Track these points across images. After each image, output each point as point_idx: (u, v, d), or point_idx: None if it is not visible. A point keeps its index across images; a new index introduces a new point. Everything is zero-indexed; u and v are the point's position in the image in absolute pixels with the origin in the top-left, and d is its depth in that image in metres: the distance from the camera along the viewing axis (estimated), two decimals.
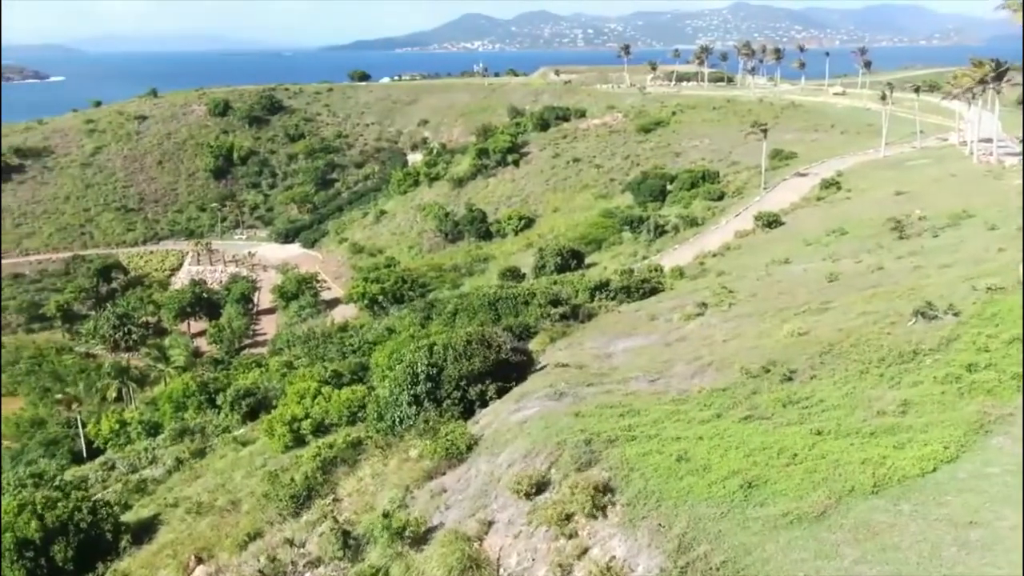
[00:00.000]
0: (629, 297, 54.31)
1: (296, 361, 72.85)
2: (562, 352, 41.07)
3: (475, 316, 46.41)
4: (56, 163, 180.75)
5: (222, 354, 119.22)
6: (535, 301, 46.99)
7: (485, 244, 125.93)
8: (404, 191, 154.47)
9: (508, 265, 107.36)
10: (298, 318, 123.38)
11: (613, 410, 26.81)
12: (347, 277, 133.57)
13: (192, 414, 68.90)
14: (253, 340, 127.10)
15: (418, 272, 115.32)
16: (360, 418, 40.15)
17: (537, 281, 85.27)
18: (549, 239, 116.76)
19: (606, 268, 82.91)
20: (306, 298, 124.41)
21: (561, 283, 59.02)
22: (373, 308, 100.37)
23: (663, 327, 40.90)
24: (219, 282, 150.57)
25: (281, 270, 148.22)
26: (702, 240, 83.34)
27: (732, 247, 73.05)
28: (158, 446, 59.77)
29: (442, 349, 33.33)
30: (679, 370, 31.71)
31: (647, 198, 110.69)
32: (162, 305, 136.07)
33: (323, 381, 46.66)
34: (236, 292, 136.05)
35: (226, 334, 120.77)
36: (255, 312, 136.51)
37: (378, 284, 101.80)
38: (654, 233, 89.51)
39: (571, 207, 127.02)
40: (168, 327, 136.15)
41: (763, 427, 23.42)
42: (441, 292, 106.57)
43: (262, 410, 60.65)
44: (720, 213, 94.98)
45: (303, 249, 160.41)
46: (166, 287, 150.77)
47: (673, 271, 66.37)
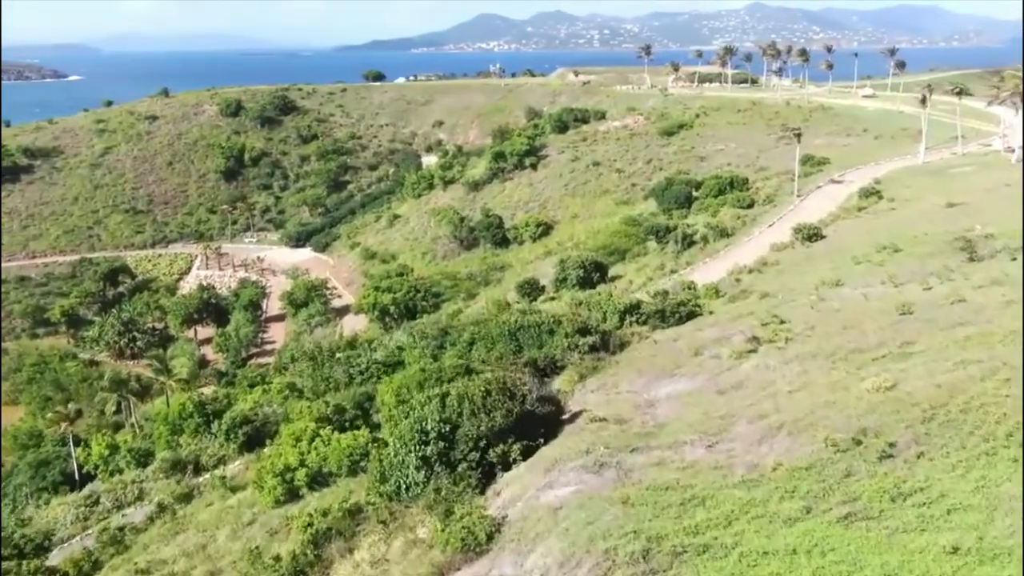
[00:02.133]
0: (664, 322, 48.77)
1: (300, 381, 67.74)
2: (594, 395, 35.68)
3: (494, 346, 41.11)
4: (65, 163, 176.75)
5: (228, 363, 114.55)
6: (561, 330, 41.58)
7: (501, 251, 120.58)
8: (418, 194, 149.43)
9: (526, 276, 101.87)
10: (307, 326, 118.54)
11: (670, 495, 21.38)
12: (358, 284, 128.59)
13: (188, 438, 63.95)
14: (261, 348, 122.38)
15: (431, 281, 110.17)
16: (362, 468, 34.88)
17: (558, 295, 79.90)
18: (568, 247, 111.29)
19: (632, 282, 77.44)
20: (315, 306, 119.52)
21: (587, 304, 53.54)
22: (384, 320, 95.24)
23: (711, 366, 35.38)
24: (228, 287, 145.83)
25: (291, 275, 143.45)
26: (734, 253, 77.63)
27: (770, 263, 67.36)
28: (147, 479, 54.80)
29: (456, 401, 27.96)
30: (742, 431, 26.24)
31: (672, 205, 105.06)
32: (169, 311, 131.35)
33: (323, 419, 41.39)
34: (244, 298, 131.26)
35: (232, 343, 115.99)
36: (264, 319, 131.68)
37: (390, 294, 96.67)
38: (682, 244, 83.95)
39: (591, 213, 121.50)
40: (174, 333, 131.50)
41: (874, 536, 17.99)
42: (455, 303, 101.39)
43: (260, 439, 55.84)
44: (751, 223, 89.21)
45: (314, 253, 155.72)
46: (174, 292, 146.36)
47: (708, 290, 60.75)
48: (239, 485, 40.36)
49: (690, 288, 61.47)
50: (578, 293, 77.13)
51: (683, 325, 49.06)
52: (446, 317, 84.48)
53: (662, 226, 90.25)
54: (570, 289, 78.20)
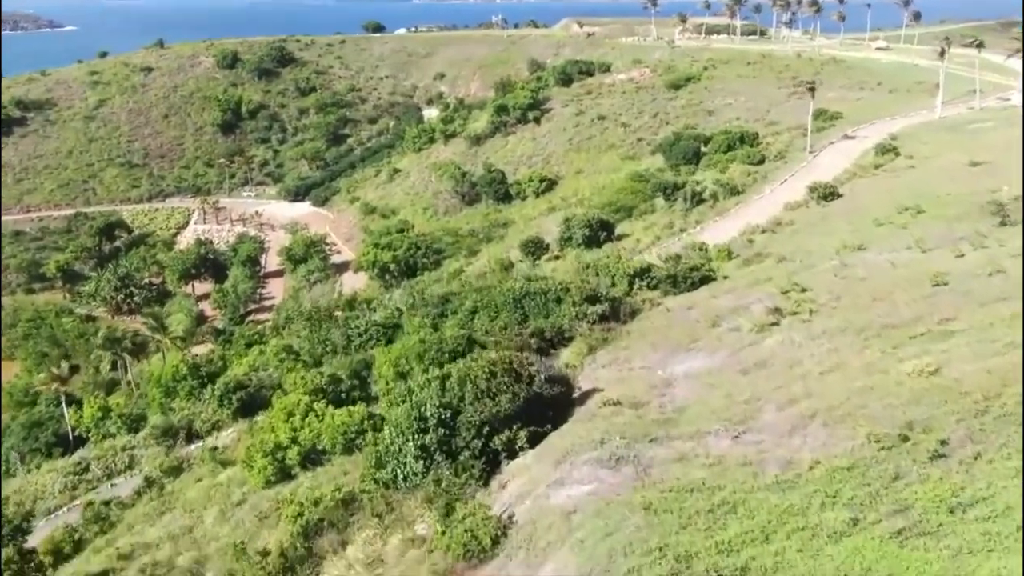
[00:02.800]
0: (676, 288, 46.35)
1: (297, 343, 65.51)
2: (606, 370, 33.32)
3: (498, 316, 38.70)
4: (59, 116, 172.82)
5: (225, 321, 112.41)
6: (568, 298, 39.11)
7: (504, 207, 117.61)
8: (419, 148, 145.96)
9: (529, 233, 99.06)
10: (306, 283, 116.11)
11: (697, 499, 19.07)
12: (358, 239, 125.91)
13: (182, 401, 62.11)
14: (260, 304, 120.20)
15: (432, 237, 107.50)
16: (357, 447, 32.69)
17: (563, 254, 77.28)
18: (573, 203, 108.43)
19: (639, 242, 74.71)
20: (314, 262, 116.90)
21: (595, 268, 51.01)
22: (384, 277, 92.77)
23: (730, 340, 32.97)
24: (226, 242, 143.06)
25: (290, 230, 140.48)
26: (746, 212, 74.76)
27: (784, 223, 64.59)
28: (138, 445, 52.89)
29: (458, 384, 25.61)
30: (770, 420, 23.88)
31: (679, 161, 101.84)
32: (166, 266, 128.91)
33: (317, 390, 39.12)
34: (243, 253, 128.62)
35: (230, 299, 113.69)
36: (262, 275, 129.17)
37: (389, 251, 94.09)
38: (691, 202, 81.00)
39: (596, 169, 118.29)
40: (172, 289, 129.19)
41: (934, 558, 15.73)
42: (456, 261, 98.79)
43: (255, 405, 53.82)
44: (763, 180, 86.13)
45: (313, 208, 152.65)
46: (171, 246, 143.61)
47: (720, 252, 58.16)
48: (230, 460, 38.24)
49: (701, 250, 58.91)
50: (584, 253, 74.56)
51: (696, 291, 46.64)
52: (447, 276, 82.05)
53: (670, 183, 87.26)
54: (575, 248, 75.50)
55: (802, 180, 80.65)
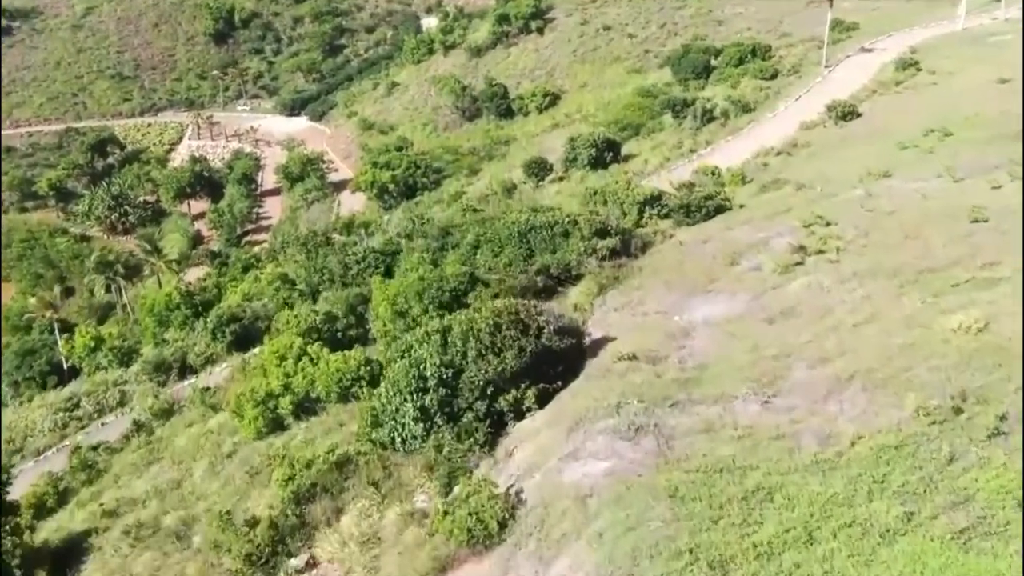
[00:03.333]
0: (689, 218, 43.81)
1: (293, 271, 63.31)
2: (618, 314, 31.13)
3: (501, 251, 36.29)
4: (45, 25, 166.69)
5: (222, 242, 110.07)
6: (576, 232, 36.66)
7: (505, 123, 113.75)
8: (418, 60, 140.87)
9: (532, 153, 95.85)
10: (303, 202, 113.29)
11: (727, 484, 17.09)
12: (356, 157, 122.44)
13: (176, 331, 60.39)
14: (257, 224, 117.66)
15: (432, 155, 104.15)
16: (353, 395, 30.79)
17: (568, 175, 74.41)
18: (577, 119, 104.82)
19: (647, 162, 71.69)
20: (312, 181, 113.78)
21: (603, 194, 48.31)
22: (383, 197, 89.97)
23: (751, 281, 30.67)
24: (221, 159, 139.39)
25: (286, 147, 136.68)
26: (759, 131, 71.48)
27: (800, 144, 61.49)
28: (130, 380, 51.29)
29: (460, 339, 23.43)
30: (802, 379, 21.76)
31: (688, 75, 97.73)
32: (160, 184, 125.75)
33: (312, 330, 37.05)
34: (238, 171, 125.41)
35: (226, 219, 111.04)
36: (259, 193, 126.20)
37: (388, 171, 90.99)
38: (701, 120, 77.58)
39: (601, 82, 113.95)
40: (167, 208, 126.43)
41: (1005, 567, 13.82)
42: (457, 180, 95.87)
43: (250, 338, 52.03)
44: (776, 96, 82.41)
45: (310, 123, 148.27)
46: (165, 163, 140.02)
47: (733, 176, 55.36)
48: (221, 404, 36.39)
49: (713, 174, 56.06)
50: (589, 174, 71.81)
51: (711, 221, 44.17)
52: (447, 198, 79.34)
53: (679, 99, 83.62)
54: (581, 169, 72.63)
55: (818, 96, 77.01)
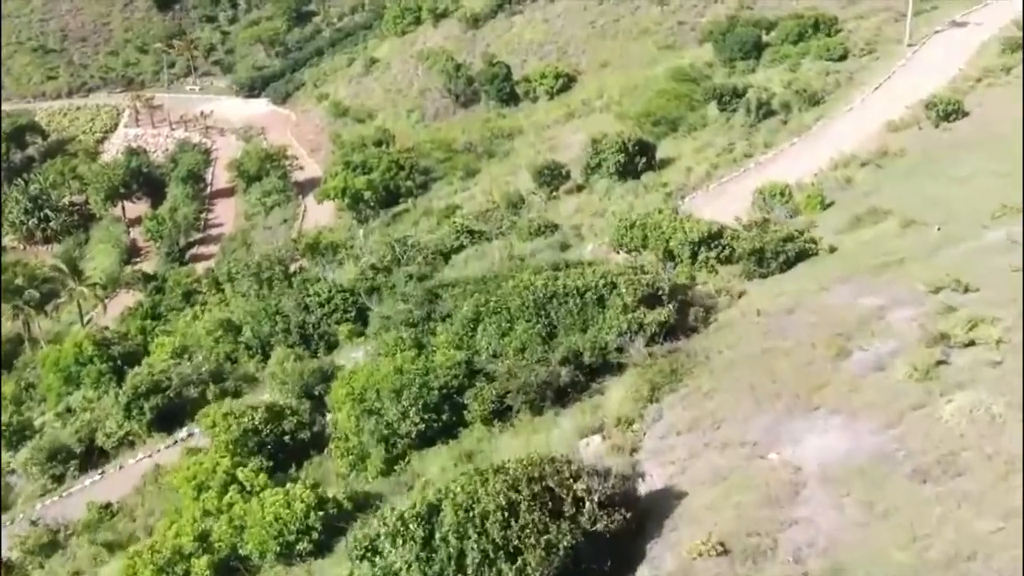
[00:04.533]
0: (761, 266, 37.58)
1: (238, 314, 57.04)
2: (684, 443, 24.81)
3: (511, 327, 30.02)
4: None
5: (161, 257, 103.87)
6: (616, 298, 30.39)
7: (509, 111, 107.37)
8: (402, 32, 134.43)
9: (542, 150, 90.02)
10: (261, 207, 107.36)
11: None
12: (326, 150, 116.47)
13: (87, 392, 54.65)
14: (205, 234, 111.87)
15: (419, 152, 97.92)
16: (299, 555, 24.52)
17: (589, 184, 68.24)
18: (597, 107, 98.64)
19: (690, 171, 65.50)
20: (272, 181, 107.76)
21: (643, 227, 42.09)
22: (357, 207, 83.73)
23: (877, 391, 24.41)
24: (164, 150, 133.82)
25: (243, 136, 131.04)
26: (832, 131, 65.28)
27: (891, 152, 55.33)
28: (18, 470, 45.17)
29: (454, 533, 17.14)
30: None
31: (735, 54, 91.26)
32: (89, 183, 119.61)
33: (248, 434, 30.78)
34: (183, 167, 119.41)
35: (166, 229, 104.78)
36: (208, 194, 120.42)
37: (364, 176, 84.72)
38: (756, 114, 71.30)
39: (625, 61, 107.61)
40: (96, 212, 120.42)
41: None
42: (449, 184, 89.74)
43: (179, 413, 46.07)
44: (848, 84, 76.20)
45: (272, 106, 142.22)
46: (95, 156, 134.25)
47: (810, 198, 49.12)
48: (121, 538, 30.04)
49: (783, 195, 49.82)
50: (616, 186, 65.77)
51: (792, 271, 37.97)
52: (437, 214, 73.09)
53: (727, 87, 77.29)
54: (606, 178, 66.44)
55: (903, 85, 70.99)
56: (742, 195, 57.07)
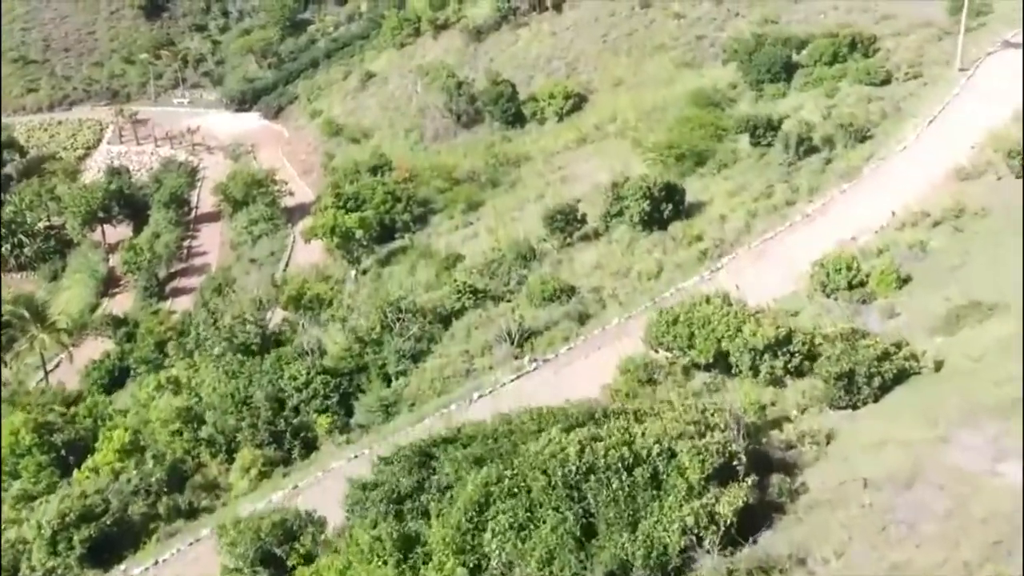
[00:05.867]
0: (849, 392, 29.02)
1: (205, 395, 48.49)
2: None
3: (533, 519, 21.54)
4: None
5: (139, 288, 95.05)
6: (675, 475, 21.85)
7: (514, 133, 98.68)
8: (400, 44, 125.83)
9: (552, 180, 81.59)
10: (248, 236, 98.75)
11: None
12: (318, 172, 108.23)
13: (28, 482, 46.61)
14: (187, 264, 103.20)
15: (418, 179, 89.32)
16: None
17: (609, 232, 59.71)
18: (611, 132, 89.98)
19: (724, 219, 56.91)
20: (259, 208, 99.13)
21: (689, 324, 33.63)
22: (348, 247, 75.13)
23: None
24: (148, 168, 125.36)
25: (231, 154, 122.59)
26: (887, 175, 56.76)
27: (969, 210, 46.76)
28: None
29: None
30: None
31: (763, 75, 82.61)
32: (67, 206, 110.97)
33: None
34: (167, 191, 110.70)
35: (144, 259, 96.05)
36: (192, 219, 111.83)
37: (356, 212, 76.18)
38: (796, 151, 62.76)
39: (640, 80, 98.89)
40: (74, 237, 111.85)
41: None
42: (451, 215, 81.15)
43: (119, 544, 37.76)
44: (896, 113, 67.63)
45: (264, 121, 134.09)
46: (76, 176, 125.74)
47: (883, 274, 40.49)
48: None
49: (849, 268, 41.20)
50: (641, 236, 57.23)
51: (889, 399, 29.43)
52: (436, 266, 64.45)
53: (759, 119, 68.70)
54: (629, 227, 57.85)
55: (961, 118, 62.62)
56: (790, 257, 48.78)
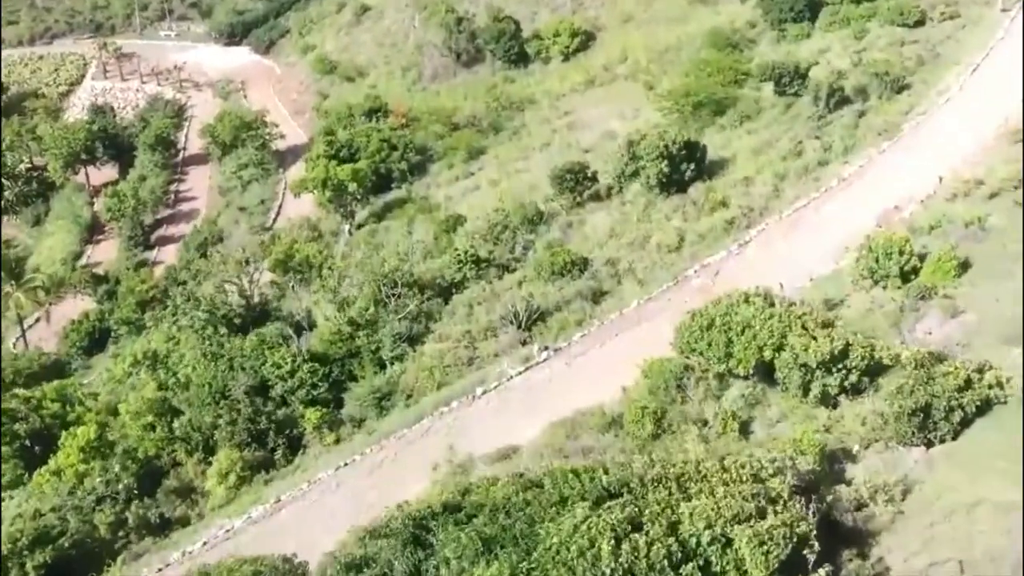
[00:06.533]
0: (925, 430, 24.37)
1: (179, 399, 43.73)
2: None
3: None
4: None
5: (123, 237, 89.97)
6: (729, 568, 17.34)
7: (518, 73, 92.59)
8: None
9: (559, 127, 76.22)
10: (238, 181, 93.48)
11: None
12: (310, 114, 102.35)
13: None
14: (175, 209, 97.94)
15: (416, 124, 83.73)
16: None
17: (623, 193, 54.47)
18: (621, 75, 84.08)
19: (748, 181, 51.71)
20: (248, 152, 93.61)
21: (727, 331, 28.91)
22: (341, 200, 70.02)
23: None
24: (134, 106, 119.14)
25: (220, 92, 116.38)
26: (931, 132, 51.43)
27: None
28: None
29: None
30: None
31: (785, 14, 76.44)
32: (48, 147, 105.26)
33: None
34: (152, 132, 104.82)
35: (129, 207, 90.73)
36: (180, 161, 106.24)
37: (350, 162, 70.80)
38: (827, 102, 57.26)
39: (651, 16, 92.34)
40: (56, 180, 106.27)
41: None
42: (451, 164, 75.79)
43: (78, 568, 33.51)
44: (935, 61, 62.07)
45: (254, 56, 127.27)
46: (58, 114, 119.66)
47: (941, 260, 35.56)
48: None
49: (902, 253, 36.23)
50: (658, 200, 52.13)
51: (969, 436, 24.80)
52: (435, 228, 59.31)
53: (785, 66, 62.98)
54: (645, 189, 52.67)
55: (1009, 66, 56.72)
56: (826, 228, 43.86)
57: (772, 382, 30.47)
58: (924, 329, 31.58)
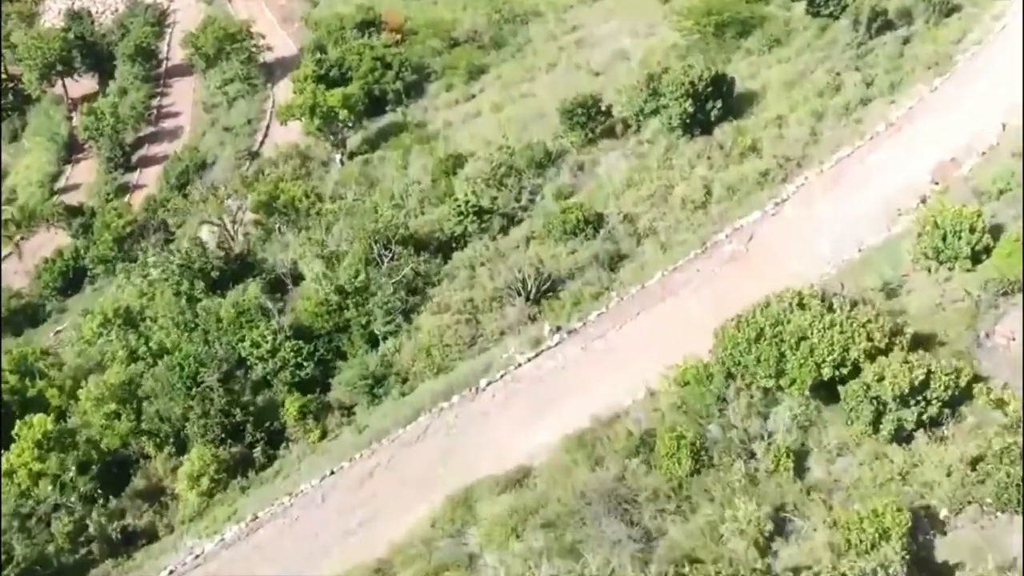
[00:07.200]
0: None
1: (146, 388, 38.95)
2: None
3: None
4: None
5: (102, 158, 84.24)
6: None
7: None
8: None
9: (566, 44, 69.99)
10: (223, 97, 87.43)
11: None
12: (298, 24, 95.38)
13: None
14: (157, 127, 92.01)
15: (412, 38, 77.28)
16: None
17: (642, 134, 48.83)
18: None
19: (781, 121, 46.11)
20: (234, 66, 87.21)
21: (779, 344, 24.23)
22: (331, 128, 64.38)
23: None
24: (113, 11, 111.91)
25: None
26: (988, 67, 45.51)
27: None
28: None
29: None
30: None
31: None
32: (21, 57, 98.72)
33: None
34: (131, 41, 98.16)
35: (108, 125, 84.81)
36: (163, 73, 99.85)
37: (339, 84, 64.93)
38: (868, 26, 51.12)
39: None
40: (32, 92, 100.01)
41: None
42: (450, 85, 69.84)
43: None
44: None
45: None
46: (33, 20, 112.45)
47: (1010, 244, 30.44)
48: None
49: (972, 230, 31.11)
50: (681, 144, 46.64)
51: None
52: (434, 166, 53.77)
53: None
54: (667, 130, 47.00)
55: None
56: (874, 184, 38.78)
57: (828, 397, 25.86)
58: (1005, 333, 26.79)
